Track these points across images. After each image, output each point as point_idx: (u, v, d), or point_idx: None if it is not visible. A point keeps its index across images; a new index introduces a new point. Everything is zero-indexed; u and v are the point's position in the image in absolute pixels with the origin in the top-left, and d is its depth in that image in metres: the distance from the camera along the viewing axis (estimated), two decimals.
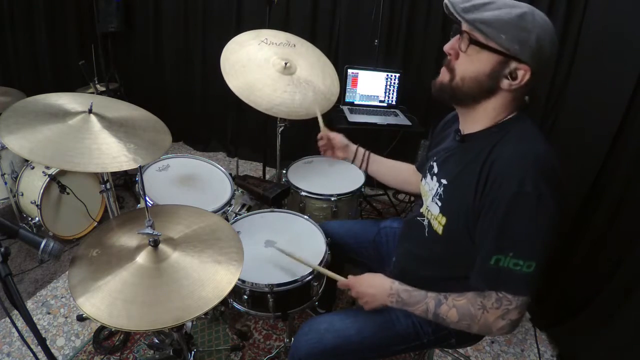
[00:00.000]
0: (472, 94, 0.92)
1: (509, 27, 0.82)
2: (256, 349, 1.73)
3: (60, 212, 2.14)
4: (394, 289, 1.05)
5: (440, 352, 1.77)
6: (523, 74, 0.85)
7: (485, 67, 0.87)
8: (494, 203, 0.87)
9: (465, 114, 1.00)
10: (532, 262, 0.85)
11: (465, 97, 0.93)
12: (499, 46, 0.84)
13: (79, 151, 1.00)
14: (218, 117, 3.38)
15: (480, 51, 0.86)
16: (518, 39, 0.82)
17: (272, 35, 1.84)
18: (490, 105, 0.93)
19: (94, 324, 1.79)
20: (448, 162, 1.05)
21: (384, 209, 2.84)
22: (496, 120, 0.94)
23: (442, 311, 0.97)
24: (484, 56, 0.86)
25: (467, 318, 0.94)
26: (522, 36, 0.82)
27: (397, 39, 2.66)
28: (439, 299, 0.99)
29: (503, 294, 0.90)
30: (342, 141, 1.42)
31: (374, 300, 1.08)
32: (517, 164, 0.85)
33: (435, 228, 1.03)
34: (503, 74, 0.87)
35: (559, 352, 1.80)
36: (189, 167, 1.75)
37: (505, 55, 0.85)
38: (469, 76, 0.90)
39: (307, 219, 1.49)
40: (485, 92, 0.91)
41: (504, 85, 0.88)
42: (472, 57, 0.88)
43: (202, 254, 0.99)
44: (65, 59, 3.06)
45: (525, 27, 0.82)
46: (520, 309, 0.90)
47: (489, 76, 0.88)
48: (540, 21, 0.84)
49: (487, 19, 0.83)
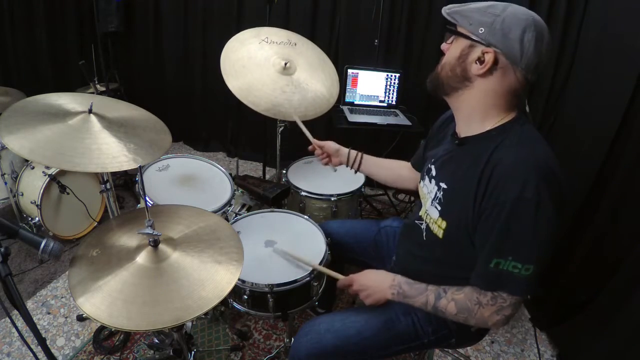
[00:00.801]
0: (449, 82, 0.96)
1: (475, 13, 0.89)
2: (256, 349, 1.73)
3: (60, 212, 2.14)
4: (396, 281, 1.08)
5: (440, 352, 1.77)
6: (489, 57, 0.88)
7: (456, 52, 0.93)
8: (495, 208, 0.87)
9: (456, 111, 1.02)
10: (531, 265, 0.86)
11: (444, 85, 0.98)
12: (466, 31, 0.90)
13: (79, 151, 1.00)
14: (218, 117, 3.38)
15: (456, 39, 0.94)
16: (483, 23, 0.87)
17: (273, 34, 1.84)
18: (472, 97, 0.94)
19: (94, 324, 1.79)
20: (446, 166, 1.05)
21: (384, 209, 2.84)
22: (493, 122, 0.94)
23: (441, 304, 1.00)
24: (457, 43, 0.94)
25: (465, 312, 0.97)
26: (487, 20, 0.87)
27: (397, 39, 2.66)
28: (439, 292, 1.01)
29: (499, 293, 0.92)
30: (333, 147, 1.43)
31: (376, 292, 1.10)
32: (518, 169, 0.85)
33: (435, 232, 1.04)
34: (472, 58, 0.90)
35: (559, 352, 1.80)
36: (189, 167, 1.75)
37: (471, 39, 0.90)
38: (446, 62, 0.96)
39: (307, 219, 1.49)
40: (459, 78, 0.94)
41: (474, 70, 0.90)
42: (451, 47, 0.96)
43: (202, 254, 0.99)
44: (65, 59, 3.06)
45: (493, 12, 0.87)
46: (514, 307, 0.92)
47: (458, 59, 0.93)
48: (513, 10, 0.87)
49: (459, 9, 0.92)
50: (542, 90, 2.32)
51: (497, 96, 0.92)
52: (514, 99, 0.93)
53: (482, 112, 0.95)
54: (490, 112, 0.94)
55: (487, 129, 0.95)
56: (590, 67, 1.93)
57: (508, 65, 0.87)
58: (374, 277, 1.13)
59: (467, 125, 0.99)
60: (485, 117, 0.95)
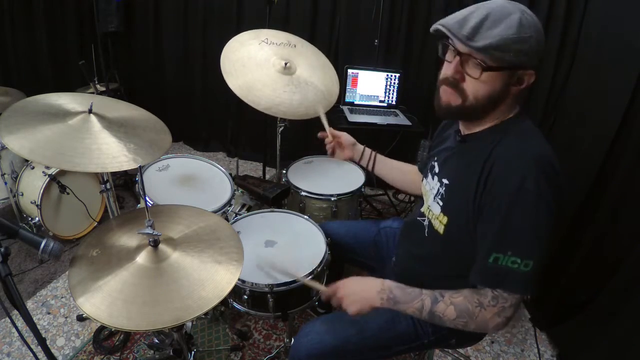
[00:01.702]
0: (486, 110, 0.93)
1: (514, 43, 0.82)
2: (256, 349, 1.73)
3: (60, 212, 2.14)
4: (385, 286, 1.01)
5: (440, 352, 1.77)
6: (529, 78, 0.88)
7: (498, 84, 0.88)
8: (495, 201, 0.87)
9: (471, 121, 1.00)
10: (530, 260, 0.85)
11: (480, 114, 0.94)
12: (508, 64, 0.85)
13: (79, 151, 1.00)
14: (218, 117, 3.38)
15: (491, 73, 0.86)
16: (524, 52, 0.83)
17: (272, 35, 1.84)
18: (499, 110, 0.94)
19: (94, 324, 1.79)
20: (449, 162, 1.05)
21: (384, 209, 2.84)
22: (497, 120, 0.95)
23: (439, 309, 0.95)
24: (495, 75, 0.87)
25: (465, 315, 0.93)
26: (526, 47, 0.83)
27: (397, 39, 2.66)
28: (435, 296, 0.96)
29: (499, 292, 0.90)
30: (349, 140, 1.39)
31: (361, 299, 1.01)
32: (519, 163, 0.86)
33: (436, 228, 1.04)
34: (512, 83, 0.89)
35: (559, 352, 1.80)
36: (189, 167, 1.75)
37: (516, 68, 0.86)
38: (483, 95, 0.89)
39: (307, 219, 1.49)
40: (497, 104, 0.92)
41: (513, 91, 0.90)
42: (484, 78, 0.87)
43: (202, 254, 0.99)
44: (65, 59, 3.06)
45: (525, 36, 0.82)
46: (515, 307, 0.91)
47: (501, 91, 0.89)
48: (532, 20, 0.84)
49: (494, 43, 0.82)
50: (542, 90, 2.33)
51: (515, 102, 0.93)
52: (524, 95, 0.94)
53: (495, 116, 0.95)
54: (497, 113, 0.94)
55: (489, 125, 0.96)
56: (591, 67, 1.93)
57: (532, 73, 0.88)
58: (360, 282, 1.04)
59: (475, 127, 0.99)
60: (493, 117, 0.95)
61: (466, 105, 0.92)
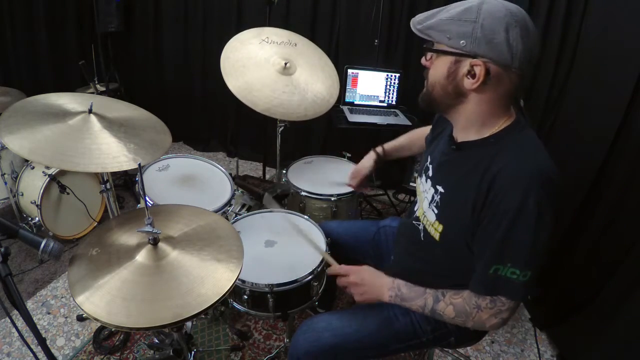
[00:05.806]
0: (442, 100, 0.93)
1: (451, 24, 0.83)
2: (256, 349, 1.73)
3: (60, 212, 2.14)
4: (395, 283, 1.07)
5: (440, 352, 1.77)
6: (480, 70, 0.83)
7: (443, 70, 0.89)
8: (495, 217, 0.87)
9: (453, 121, 1.00)
10: (529, 271, 0.87)
11: (439, 104, 0.95)
12: (447, 47, 0.85)
13: (79, 151, 1.01)
14: (218, 117, 3.38)
15: (438, 57, 0.89)
16: (462, 34, 0.82)
17: (273, 34, 1.84)
18: (469, 109, 0.92)
19: (94, 324, 1.79)
20: (444, 169, 1.04)
21: (384, 209, 2.84)
22: (491, 129, 0.92)
23: (440, 308, 1.00)
24: (441, 60, 0.89)
25: (463, 315, 0.97)
26: (466, 30, 0.81)
27: (397, 39, 2.66)
28: (437, 295, 1.01)
29: (497, 297, 0.92)
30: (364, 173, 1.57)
31: (372, 291, 1.08)
32: (520, 180, 0.84)
33: (432, 234, 1.04)
34: (461, 73, 0.86)
35: (559, 352, 1.80)
36: (189, 167, 1.75)
37: (455, 54, 0.85)
38: (435, 82, 0.92)
39: (307, 219, 1.49)
40: (453, 95, 0.91)
41: (467, 85, 0.87)
42: (435, 64, 0.91)
43: (201, 252, 0.99)
44: (65, 59, 3.06)
45: (469, 19, 0.81)
46: (512, 310, 0.94)
47: (447, 78, 0.89)
48: (489, 9, 0.81)
49: (432, 23, 0.86)
50: (542, 90, 2.33)
51: (494, 103, 0.90)
52: (511, 100, 0.92)
53: (480, 121, 0.93)
54: (488, 120, 0.92)
55: (485, 135, 0.93)
56: (590, 67, 1.93)
57: (501, 72, 0.83)
58: (375, 275, 1.11)
59: (465, 132, 0.97)
60: (483, 125, 0.93)
61: (425, 93, 0.96)
